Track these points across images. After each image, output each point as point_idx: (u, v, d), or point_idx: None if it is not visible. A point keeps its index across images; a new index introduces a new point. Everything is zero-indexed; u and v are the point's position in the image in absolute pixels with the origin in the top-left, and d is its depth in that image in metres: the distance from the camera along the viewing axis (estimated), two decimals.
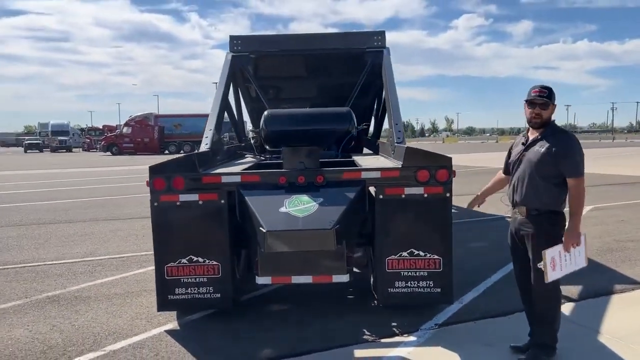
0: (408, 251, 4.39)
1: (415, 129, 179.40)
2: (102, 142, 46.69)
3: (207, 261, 4.42)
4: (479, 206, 4.18)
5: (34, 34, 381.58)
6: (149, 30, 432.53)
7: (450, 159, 4.41)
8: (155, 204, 4.40)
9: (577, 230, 3.45)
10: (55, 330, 4.47)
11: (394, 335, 4.20)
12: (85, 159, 39.02)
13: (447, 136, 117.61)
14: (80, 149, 58.00)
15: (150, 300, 5.01)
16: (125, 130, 45.04)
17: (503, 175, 3.96)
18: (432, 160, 4.43)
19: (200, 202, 4.41)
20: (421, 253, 4.38)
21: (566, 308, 4.70)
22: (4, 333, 4.43)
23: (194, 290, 4.45)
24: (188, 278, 4.43)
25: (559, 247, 3.42)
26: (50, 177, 21.13)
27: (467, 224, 8.95)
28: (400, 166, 4.49)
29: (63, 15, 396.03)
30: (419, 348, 3.96)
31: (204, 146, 5.64)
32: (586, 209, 10.17)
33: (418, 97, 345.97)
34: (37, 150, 55.74)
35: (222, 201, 4.40)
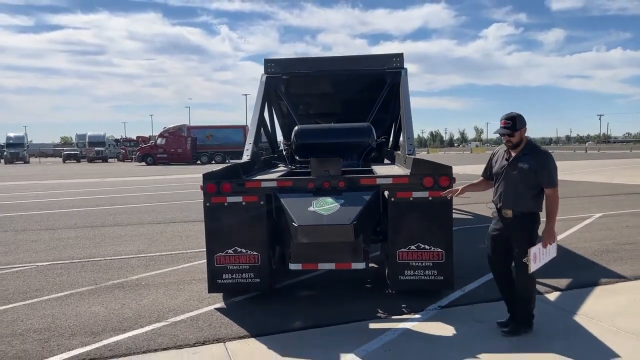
0: (415, 245, 5.26)
1: (444, 139, 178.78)
2: (138, 153, 48.61)
3: (249, 252, 5.37)
4: (451, 197, 4.97)
5: (71, 48, 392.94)
6: (180, 43, 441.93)
7: (450, 167, 5.28)
8: (207, 204, 5.39)
9: (553, 231, 4.31)
10: (126, 307, 5.48)
11: (402, 313, 5.08)
12: (122, 168, 40.79)
13: (476, 146, 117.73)
14: (116, 159, 60.24)
15: (200, 286, 6.01)
16: (159, 141, 46.76)
17: (482, 178, 4.77)
18: (435, 169, 5.31)
19: (244, 203, 5.37)
20: (426, 246, 5.25)
21: (552, 296, 5.51)
22: (85, 309, 5.47)
23: (238, 275, 5.41)
24: (233, 265, 5.39)
25: (539, 245, 4.30)
26: (93, 185, 22.62)
27: (478, 229, 9.69)
28: (408, 174, 5.38)
29: (99, 29, 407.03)
30: (422, 323, 4.83)
31: (245, 157, 6.63)
32: (595, 215, 10.93)
33: (447, 107, 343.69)
34: (75, 161, 58.20)
35: (262, 202, 5.36)
